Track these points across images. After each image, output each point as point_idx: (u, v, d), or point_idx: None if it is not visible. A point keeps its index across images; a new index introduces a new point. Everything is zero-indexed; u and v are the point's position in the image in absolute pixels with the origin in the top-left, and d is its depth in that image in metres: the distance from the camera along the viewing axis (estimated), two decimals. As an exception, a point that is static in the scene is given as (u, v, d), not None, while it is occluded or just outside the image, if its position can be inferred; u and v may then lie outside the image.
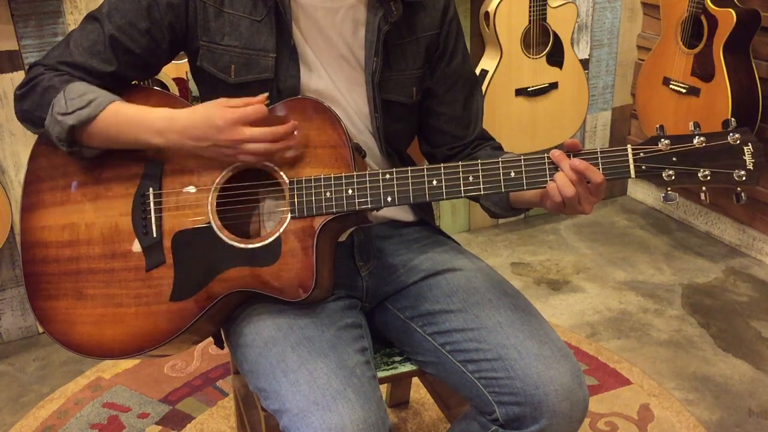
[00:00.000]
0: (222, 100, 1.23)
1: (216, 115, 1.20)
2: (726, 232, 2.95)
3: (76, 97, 1.25)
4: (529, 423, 1.22)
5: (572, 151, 1.17)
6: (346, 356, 1.23)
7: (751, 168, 1.12)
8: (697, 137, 1.13)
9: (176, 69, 2.25)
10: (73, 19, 2.25)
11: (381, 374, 1.41)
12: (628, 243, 2.99)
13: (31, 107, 1.29)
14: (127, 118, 1.26)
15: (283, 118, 1.26)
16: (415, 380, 2.09)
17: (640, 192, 3.33)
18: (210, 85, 1.36)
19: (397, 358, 1.45)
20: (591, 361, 2.27)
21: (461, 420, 1.36)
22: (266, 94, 1.24)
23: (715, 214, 2.98)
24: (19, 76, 2.24)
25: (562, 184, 1.15)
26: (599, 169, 1.16)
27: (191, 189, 1.29)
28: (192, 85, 1.51)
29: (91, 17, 1.32)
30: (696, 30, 2.58)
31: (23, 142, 2.29)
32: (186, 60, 1.40)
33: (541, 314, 1.33)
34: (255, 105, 1.21)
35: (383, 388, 2.08)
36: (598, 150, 1.16)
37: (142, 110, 1.26)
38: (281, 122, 1.23)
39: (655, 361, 2.29)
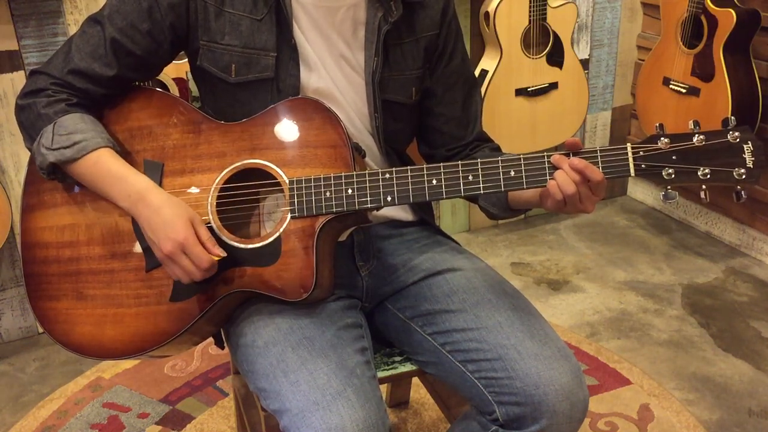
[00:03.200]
0: (195, 217, 1.23)
1: (179, 227, 1.20)
2: (726, 232, 2.95)
3: (63, 134, 1.25)
4: (529, 423, 1.22)
5: (572, 150, 1.17)
6: (346, 356, 1.23)
7: (751, 166, 1.12)
8: (696, 136, 1.13)
9: (176, 69, 2.25)
10: (73, 19, 2.25)
11: (381, 374, 1.41)
12: (628, 243, 2.99)
13: (26, 123, 1.30)
14: (105, 171, 1.26)
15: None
16: (415, 380, 2.09)
17: (640, 192, 3.33)
18: (210, 85, 1.36)
19: (397, 358, 1.45)
20: (591, 361, 2.27)
21: (461, 420, 1.36)
22: (223, 253, 1.23)
23: (715, 214, 2.98)
24: (19, 76, 2.24)
25: (562, 181, 1.15)
26: (599, 167, 1.16)
27: (191, 189, 1.29)
28: (192, 85, 1.51)
29: (93, 20, 1.32)
30: (696, 30, 2.58)
31: (23, 142, 2.29)
32: (186, 60, 1.40)
33: (541, 314, 1.33)
34: (207, 257, 1.20)
35: (383, 388, 2.08)
36: (598, 149, 1.16)
37: (124, 169, 1.26)
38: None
39: (655, 361, 2.29)
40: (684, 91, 2.67)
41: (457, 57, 1.45)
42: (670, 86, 2.73)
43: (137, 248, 1.29)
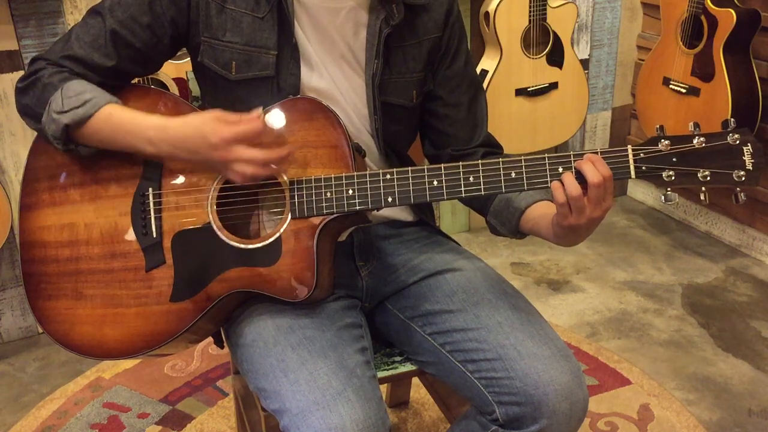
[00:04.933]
0: (216, 114, 1.20)
1: (210, 130, 1.18)
2: (726, 232, 2.95)
3: (73, 96, 1.25)
4: (529, 423, 1.22)
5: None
6: (346, 356, 1.22)
7: (751, 168, 1.12)
8: (696, 138, 1.13)
9: (176, 69, 2.25)
10: (73, 19, 2.25)
11: (381, 374, 1.41)
12: (628, 243, 2.99)
13: (31, 102, 1.29)
14: (119, 122, 1.25)
15: (280, 137, 1.25)
16: (415, 380, 2.09)
17: (640, 192, 3.33)
18: (211, 82, 1.36)
19: (397, 358, 1.45)
20: (591, 361, 2.27)
21: (461, 420, 1.36)
22: (260, 109, 1.22)
23: (715, 214, 2.98)
24: (18, 76, 2.23)
25: (568, 182, 1.14)
26: None
27: (191, 189, 1.28)
28: (192, 85, 1.51)
29: (94, 11, 1.32)
30: (696, 30, 2.58)
31: (23, 142, 2.29)
32: (186, 60, 1.40)
33: (541, 314, 1.33)
34: (249, 122, 1.18)
35: (383, 388, 2.08)
36: (599, 150, 1.16)
37: (136, 116, 1.26)
38: (277, 140, 1.22)
39: (655, 361, 2.29)
40: (684, 91, 2.67)
41: (461, 59, 1.44)
42: (670, 86, 2.73)
43: (137, 248, 1.29)
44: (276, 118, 1.26)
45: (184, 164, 1.29)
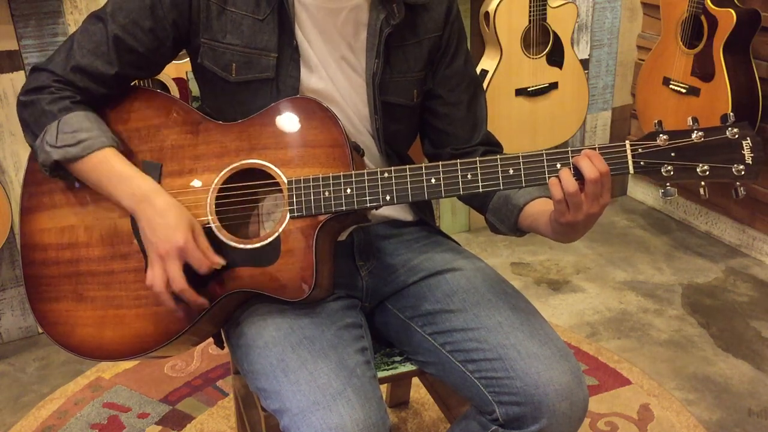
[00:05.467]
0: (197, 226, 1.23)
1: (178, 235, 1.20)
2: (726, 232, 2.94)
3: (68, 132, 1.25)
4: (529, 423, 1.22)
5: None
6: (346, 356, 1.22)
7: (750, 162, 1.12)
8: (695, 132, 1.13)
9: (176, 69, 2.25)
10: (73, 19, 2.25)
11: (381, 374, 1.41)
12: (628, 243, 2.99)
13: (29, 120, 1.29)
14: (109, 171, 1.26)
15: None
16: (415, 380, 2.09)
17: (640, 192, 3.33)
18: (210, 83, 1.36)
19: (397, 358, 1.45)
20: (591, 361, 2.27)
21: (461, 420, 1.36)
22: (221, 262, 1.24)
23: (715, 214, 2.98)
24: (18, 76, 2.24)
25: (565, 179, 1.14)
26: None
27: (190, 189, 1.28)
28: (192, 85, 1.50)
29: (95, 17, 1.32)
30: (696, 30, 2.58)
31: (23, 142, 2.28)
32: (186, 60, 1.40)
33: (541, 314, 1.33)
34: (208, 260, 1.22)
35: (383, 388, 2.08)
36: (597, 146, 1.16)
37: (128, 171, 1.26)
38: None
39: (655, 361, 2.29)
40: (684, 91, 2.67)
41: (460, 58, 1.44)
42: (670, 86, 2.72)
43: (137, 249, 1.29)
44: (287, 120, 1.27)
45: (183, 165, 1.29)
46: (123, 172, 1.26)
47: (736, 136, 1.12)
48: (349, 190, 1.22)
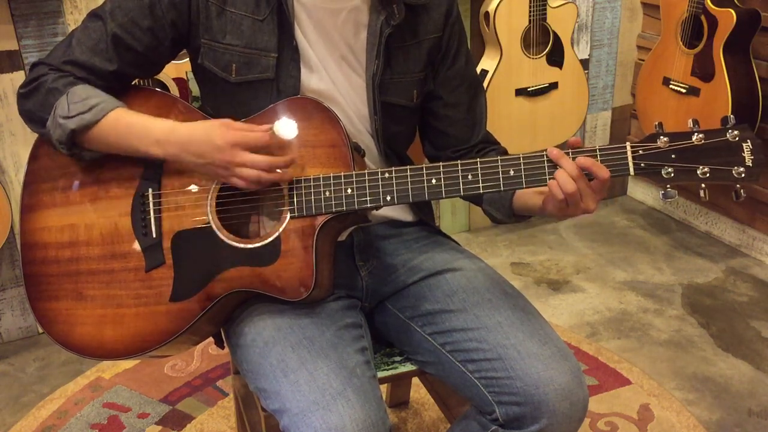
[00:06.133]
0: (226, 121, 1.23)
1: (217, 133, 1.21)
2: (726, 232, 2.94)
3: (79, 101, 1.25)
4: (529, 423, 1.22)
5: (573, 148, 1.17)
6: (346, 356, 1.22)
7: (750, 165, 1.12)
8: (695, 134, 1.13)
9: (176, 69, 2.25)
10: (73, 19, 2.25)
11: (381, 374, 1.41)
12: (628, 243, 2.99)
13: (34, 107, 1.29)
14: (127, 125, 1.26)
15: (283, 148, 1.26)
16: (415, 380, 2.09)
17: (640, 192, 3.33)
18: (211, 84, 1.36)
19: (397, 358, 1.45)
20: (591, 361, 2.27)
21: (461, 420, 1.36)
22: (270, 126, 1.24)
23: (715, 214, 2.98)
24: (19, 76, 2.24)
25: (563, 180, 1.15)
26: None
27: (191, 189, 1.28)
28: (192, 85, 1.51)
29: (94, 15, 1.32)
30: (696, 30, 2.58)
31: (23, 142, 2.29)
32: (186, 60, 1.40)
33: (541, 314, 1.33)
34: (258, 132, 1.21)
35: (383, 388, 2.08)
36: (597, 147, 1.16)
37: (144, 119, 1.26)
38: (281, 148, 1.23)
39: (655, 361, 2.29)
40: (684, 91, 2.67)
41: (461, 59, 1.45)
42: (670, 86, 2.73)
43: (137, 248, 1.29)
44: (285, 127, 1.27)
45: (183, 165, 1.29)
46: (141, 123, 1.26)
47: (737, 138, 1.12)
48: (349, 191, 1.22)
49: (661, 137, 1.14)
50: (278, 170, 1.22)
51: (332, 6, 1.32)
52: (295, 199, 1.23)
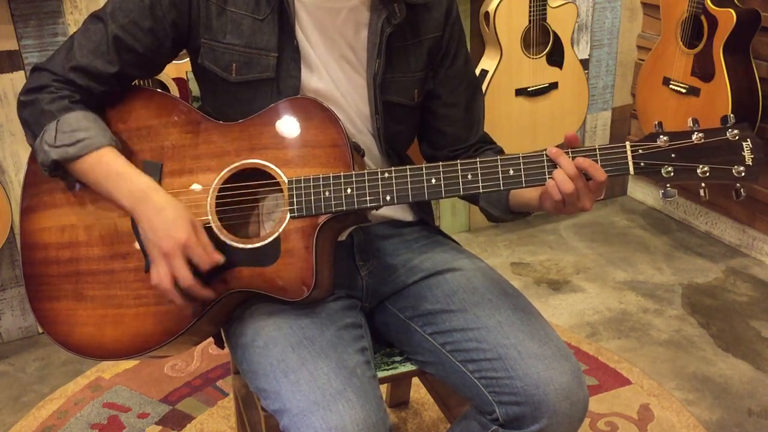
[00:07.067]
0: (197, 223, 1.23)
1: (182, 228, 1.20)
2: (726, 232, 2.94)
3: (67, 131, 1.25)
4: (529, 423, 1.22)
5: (571, 146, 1.17)
6: (346, 356, 1.22)
7: (750, 164, 1.12)
8: (695, 133, 1.13)
9: (176, 69, 2.25)
10: (73, 19, 2.25)
11: (381, 374, 1.41)
12: (628, 243, 2.99)
13: (29, 120, 1.29)
14: (107, 170, 1.25)
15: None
16: (415, 380, 2.09)
17: (640, 192, 3.33)
18: (211, 83, 1.36)
19: (397, 358, 1.45)
20: (591, 361, 2.27)
21: (461, 420, 1.36)
22: (221, 259, 1.23)
23: (715, 214, 2.98)
24: (19, 76, 2.24)
25: (560, 180, 1.15)
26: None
27: (190, 189, 1.28)
28: (192, 85, 1.51)
29: (95, 17, 1.32)
30: (696, 30, 2.58)
31: (23, 142, 2.29)
32: (186, 60, 1.40)
33: (541, 314, 1.33)
34: (209, 258, 1.21)
35: (383, 388, 2.08)
36: (597, 147, 1.16)
37: (126, 169, 1.26)
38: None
39: (655, 361, 2.29)
40: (684, 91, 2.67)
41: (461, 59, 1.45)
42: (670, 86, 2.72)
43: (137, 248, 1.29)
44: (287, 120, 1.27)
45: (183, 164, 1.29)
46: (121, 171, 1.25)
47: (737, 137, 1.12)
48: (349, 190, 1.22)
49: (661, 136, 1.14)
50: (185, 296, 1.23)
51: (332, 5, 1.32)
52: (295, 199, 1.23)
